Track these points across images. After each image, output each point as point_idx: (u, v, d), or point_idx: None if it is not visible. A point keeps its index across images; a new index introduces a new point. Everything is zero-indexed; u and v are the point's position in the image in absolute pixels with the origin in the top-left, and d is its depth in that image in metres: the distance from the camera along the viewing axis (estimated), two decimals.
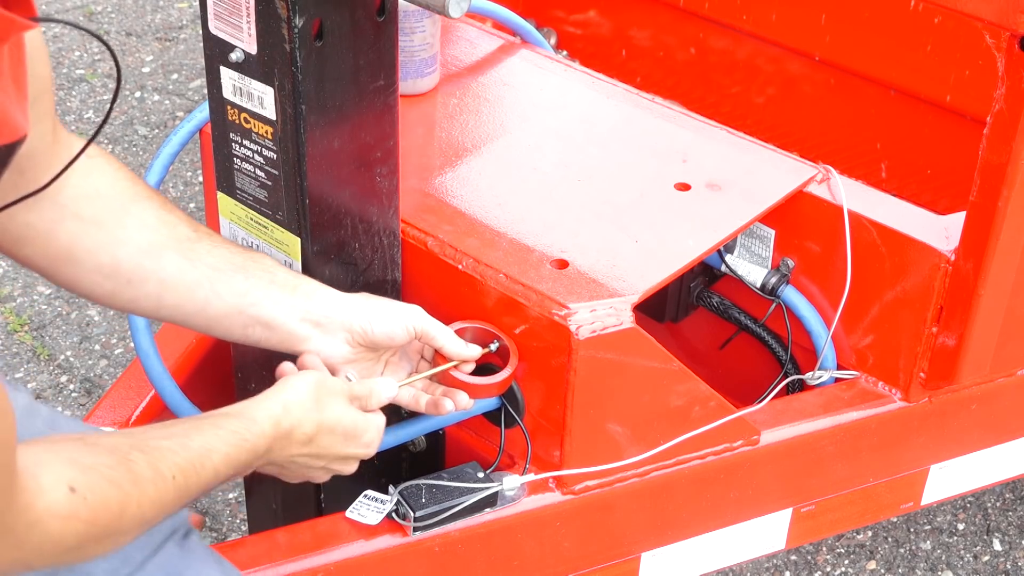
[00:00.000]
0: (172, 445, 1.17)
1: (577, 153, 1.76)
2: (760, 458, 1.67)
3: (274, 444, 1.27)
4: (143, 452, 1.14)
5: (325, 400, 1.33)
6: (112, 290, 1.35)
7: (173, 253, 1.35)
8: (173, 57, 3.77)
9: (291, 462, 1.31)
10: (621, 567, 1.67)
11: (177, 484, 1.15)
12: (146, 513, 1.13)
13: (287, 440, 1.29)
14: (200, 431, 1.22)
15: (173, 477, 1.15)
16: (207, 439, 1.21)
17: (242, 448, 1.24)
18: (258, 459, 1.26)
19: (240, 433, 1.24)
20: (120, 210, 1.33)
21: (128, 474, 1.11)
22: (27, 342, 2.76)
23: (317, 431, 1.31)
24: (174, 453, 1.17)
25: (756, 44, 2.34)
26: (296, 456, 1.31)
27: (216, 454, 1.21)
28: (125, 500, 1.10)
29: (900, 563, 2.34)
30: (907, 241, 1.63)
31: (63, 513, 1.05)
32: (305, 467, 1.33)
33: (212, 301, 1.37)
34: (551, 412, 1.51)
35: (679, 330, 1.95)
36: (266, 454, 1.27)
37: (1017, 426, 1.88)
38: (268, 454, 1.27)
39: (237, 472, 1.25)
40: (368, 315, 1.40)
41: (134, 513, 1.11)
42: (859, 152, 2.29)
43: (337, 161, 1.42)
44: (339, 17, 1.34)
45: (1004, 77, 1.46)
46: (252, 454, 1.25)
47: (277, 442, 1.28)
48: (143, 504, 1.12)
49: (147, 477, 1.12)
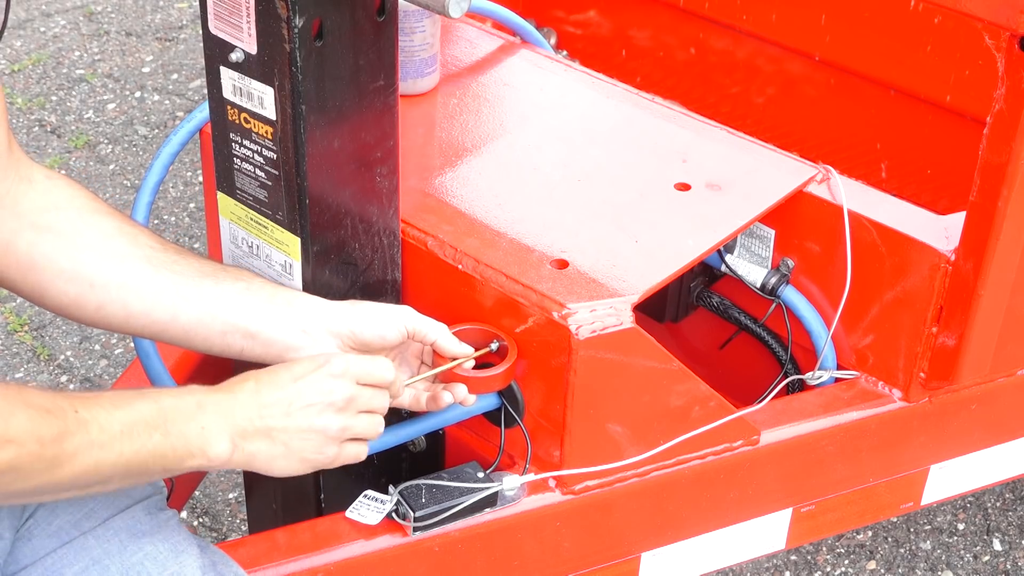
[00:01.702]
0: (81, 392, 1.19)
1: (577, 153, 1.76)
2: (760, 458, 1.67)
3: (211, 397, 1.25)
4: (40, 390, 1.15)
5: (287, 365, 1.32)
6: (77, 296, 1.33)
7: (135, 259, 1.34)
8: (173, 57, 3.77)
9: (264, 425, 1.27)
10: (621, 567, 1.67)
11: (81, 418, 1.15)
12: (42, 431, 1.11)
13: (231, 396, 1.26)
14: (129, 391, 1.23)
15: (76, 411, 1.15)
16: (126, 391, 1.23)
17: (167, 393, 1.23)
18: (195, 408, 1.23)
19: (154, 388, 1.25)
20: (78, 220, 1.33)
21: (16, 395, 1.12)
22: (27, 342, 2.76)
23: (267, 378, 1.29)
24: (79, 396, 1.17)
25: (756, 44, 2.34)
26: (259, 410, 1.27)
27: (135, 396, 1.20)
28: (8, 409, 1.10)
29: (900, 563, 2.34)
30: (907, 241, 1.63)
31: None
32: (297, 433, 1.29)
33: (181, 307, 1.34)
34: (551, 412, 1.51)
35: (679, 330, 1.95)
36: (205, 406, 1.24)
37: (1017, 426, 1.88)
38: (210, 408, 1.24)
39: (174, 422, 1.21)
40: (356, 318, 1.39)
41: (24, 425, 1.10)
42: (859, 152, 2.29)
43: (337, 161, 1.42)
44: (339, 17, 1.34)
45: (1004, 77, 1.46)
46: (179, 398, 1.23)
47: (217, 396, 1.25)
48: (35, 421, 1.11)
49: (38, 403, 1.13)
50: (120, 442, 1.17)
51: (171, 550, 1.30)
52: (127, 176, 3.28)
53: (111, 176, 3.27)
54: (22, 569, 1.27)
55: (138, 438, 1.19)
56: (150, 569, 1.28)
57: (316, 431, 1.30)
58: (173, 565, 1.28)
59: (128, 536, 1.29)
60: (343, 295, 1.48)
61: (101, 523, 1.29)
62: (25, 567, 1.27)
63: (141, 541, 1.29)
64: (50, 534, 1.28)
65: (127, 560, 1.28)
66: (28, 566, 1.27)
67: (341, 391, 1.31)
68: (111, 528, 1.29)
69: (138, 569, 1.27)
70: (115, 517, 1.30)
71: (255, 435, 1.27)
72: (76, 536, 1.28)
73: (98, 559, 1.27)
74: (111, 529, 1.29)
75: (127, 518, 1.31)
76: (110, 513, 1.30)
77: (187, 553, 1.30)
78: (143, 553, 1.29)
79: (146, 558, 1.28)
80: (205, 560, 1.31)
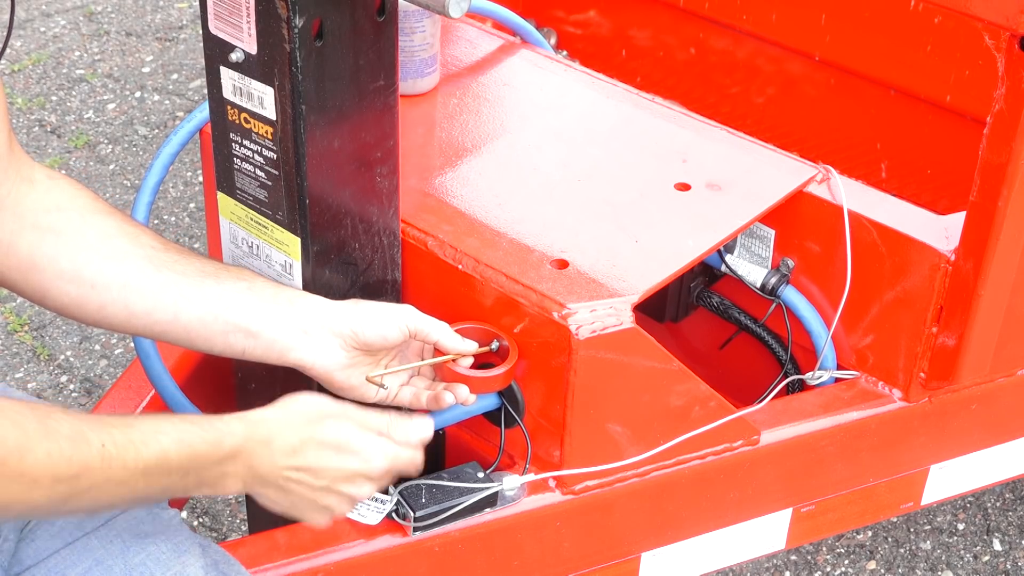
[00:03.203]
0: (113, 420, 1.16)
1: (577, 153, 1.76)
2: (760, 458, 1.67)
3: (246, 446, 1.24)
4: (70, 416, 1.13)
5: (325, 420, 1.31)
6: (78, 296, 1.33)
7: (136, 259, 1.34)
8: (173, 57, 3.77)
9: (285, 480, 1.28)
10: (621, 567, 1.67)
11: (107, 454, 1.13)
12: (60, 468, 1.10)
13: (266, 448, 1.26)
14: (153, 417, 1.21)
15: (102, 445, 1.13)
16: (158, 423, 1.20)
17: (200, 437, 1.21)
18: (225, 458, 1.23)
19: (199, 423, 1.22)
20: (79, 220, 1.33)
21: (39, 425, 1.10)
22: (27, 342, 2.76)
23: (302, 443, 1.28)
24: (111, 426, 1.15)
25: (756, 44, 2.34)
26: (286, 470, 1.28)
27: (166, 437, 1.18)
28: (27, 443, 1.08)
29: (900, 563, 2.34)
30: (907, 241, 1.63)
31: None
32: (310, 489, 1.30)
33: (183, 306, 1.34)
34: (551, 412, 1.51)
35: (679, 330, 1.95)
36: (237, 456, 1.24)
37: (1017, 426, 1.88)
38: (241, 458, 1.24)
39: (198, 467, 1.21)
40: (357, 318, 1.39)
41: (42, 461, 1.09)
42: (859, 152, 2.29)
43: (337, 161, 1.42)
44: (339, 17, 1.34)
45: (1004, 77, 1.46)
46: (214, 446, 1.22)
47: (251, 445, 1.24)
48: (54, 457, 1.10)
49: (64, 434, 1.11)
50: (138, 480, 1.17)
51: (174, 550, 1.30)
52: (127, 176, 3.28)
53: (111, 176, 3.27)
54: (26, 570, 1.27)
55: (158, 479, 1.19)
56: (153, 569, 1.28)
57: (327, 508, 1.33)
58: (176, 565, 1.29)
59: (131, 536, 1.29)
60: (343, 295, 1.48)
61: (104, 523, 1.29)
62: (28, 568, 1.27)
63: (144, 541, 1.29)
64: (53, 535, 1.28)
65: (130, 560, 1.28)
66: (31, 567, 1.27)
67: (367, 491, 1.34)
68: (114, 528, 1.29)
69: (141, 569, 1.27)
70: (117, 517, 1.30)
71: (271, 486, 1.29)
72: (79, 537, 1.28)
73: (101, 559, 1.27)
74: (114, 529, 1.29)
75: (129, 518, 1.31)
76: (112, 514, 1.30)
77: (190, 553, 1.30)
78: (146, 553, 1.29)
79: (149, 558, 1.28)
80: (208, 560, 1.31)
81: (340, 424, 1.32)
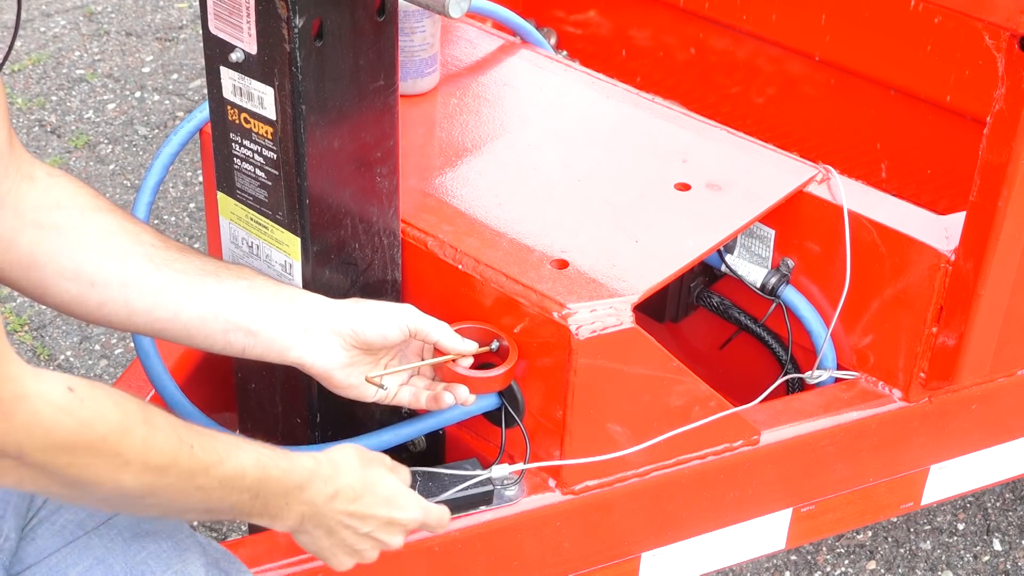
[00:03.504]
0: (200, 430, 1.17)
1: (577, 153, 1.76)
2: (760, 458, 1.67)
3: (314, 483, 1.26)
4: (167, 415, 1.14)
5: (369, 463, 1.33)
6: (78, 294, 1.33)
7: (137, 257, 1.34)
8: (173, 57, 3.77)
9: (338, 524, 1.29)
10: (621, 567, 1.67)
11: (195, 456, 1.14)
12: (151, 457, 1.11)
13: (331, 488, 1.27)
14: (232, 437, 1.22)
15: (192, 446, 1.14)
16: (238, 441, 1.21)
17: (275, 463, 1.22)
18: (294, 489, 1.24)
19: (275, 450, 1.23)
20: (80, 218, 1.33)
21: (140, 411, 1.11)
22: (27, 342, 2.76)
23: (364, 488, 1.30)
24: (199, 434, 1.16)
25: (756, 44, 2.34)
26: (342, 514, 1.29)
27: (246, 455, 1.20)
28: (127, 424, 1.09)
29: (900, 563, 2.34)
30: (907, 241, 1.63)
31: (56, 402, 1.04)
32: (354, 534, 1.31)
33: (183, 305, 1.34)
34: (551, 412, 1.51)
35: (679, 330, 1.95)
36: (304, 490, 1.25)
37: (1017, 426, 1.88)
38: (308, 494, 1.25)
39: (267, 492, 1.22)
40: (358, 317, 1.39)
41: (137, 446, 1.09)
42: (859, 152, 2.29)
43: (337, 161, 1.42)
44: (339, 17, 1.34)
45: (1004, 77, 1.46)
46: (286, 474, 1.23)
47: (318, 483, 1.26)
48: (149, 444, 1.10)
49: (160, 426, 1.12)
50: (215, 490, 1.18)
51: (175, 548, 1.30)
52: (127, 176, 3.28)
53: (111, 176, 3.27)
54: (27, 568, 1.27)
55: (230, 493, 1.19)
56: (154, 567, 1.28)
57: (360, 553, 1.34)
58: (177, 563, 1.29)
59: (132, 535, 1.29)
60: (343, 295, 1.48)
61: (104, 522, 1.29)
62: (30, 567, 1.27)
63: (145, 540, 1.29)
64: (54, 533, 1.28)
65: (131, 559, 1.28)
66: (32, 565, 1.27)
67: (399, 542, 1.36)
68: (115, 527, 1.29)
69: (142, 568, 1.27)
70: (118, 516, 1.30)
71: (323, 527, 1.30)
72: (80, 535, 1.28)
73: (102, 558, 1.27)
74: (115, 528, 1.29)
75: (130, 517, 1.31)
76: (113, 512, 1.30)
77: (191, 551, 1.30)
78: (147, 552, 1.29)
79: (150, 556, 1.28)
80: (209, 558, 1.31)
81: (381, 469, 1.34)
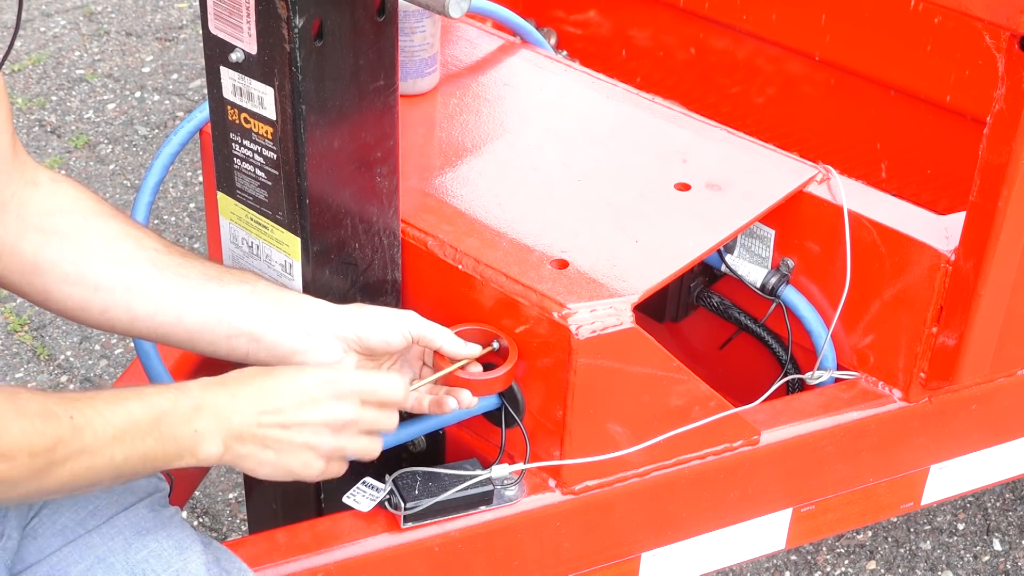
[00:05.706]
0: (77, 395, 1.18)
1: (577, 153, 1.76)
2: (760, 458, 1.67)
3: (207, 397, 1.23)
4: (36, 395, 1.14)
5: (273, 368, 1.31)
6: (82, 299, 1.33)
7: (140, 262, 1.34)
8: (173, 57, 3.77)
9: (261, 429, 1.26)
10: (621, 567, 1.67)
11: (76, 424, 1.14)
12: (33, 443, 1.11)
13: (231, 397, 1.24)
14: (115, 390, 1.22)
15: (71, 417, 1.14)
16: (120, 391, 1.21)
17: (161, 395, 1.21)
18: (191, 411, 1.22)
19: (161, 386, 1.24)
20: (83, 223, 1.33)
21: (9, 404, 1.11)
22: (27, 342, 2.76)
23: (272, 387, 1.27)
24: (76, 400, 1.17)
25: (756, 44, 2.34)
26: (267, 425, 1.26)
27: (129, 401, 1.19)
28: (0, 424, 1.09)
29: (900, 563, 2.34)
30: (907, 241, 1.63)
31: None
32: (299, 444, 1.28)
33: (186, 310, 1.34)
34: (551, 412, 1.51)
35: (679, 330, 1.95)
36: (202, 408, 1.22)
37: (1017, 426, 1.88)
38: (207, 410, 1.23)
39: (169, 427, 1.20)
40: (362, 323, 1.39)
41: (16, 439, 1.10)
42: (859, 152, 2.29)
43: (337, 161, 1.42)
44: (339, 17, 1.34)
45: (1004, 77, 1.46)
46: (175, 400, 1.21)
47: (213, 396, 1.23)
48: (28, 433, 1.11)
49: (33, 411, 1.12)
50: (112, 447, 1.17)
51: (175, 547, 1.30)
52: (127, 176, 3.28)
53: (111, 176, 3.27)
54: (28, 568, 1.27)
55: (130, 443, 1.18)
56: (155, 566, 1.28)
57: (309, 448, 1.30)
58: (178, 562, 1.29)
59: (132, 534, 1.29)
60: (343, 295, 1.49)
61: (105, 521, 1.29)
62: (31, 566, 1.27)
63: (145, 538, 1.29)
64: (55, 532, 1.29)
65: (132, 558, 1.28)
66: (34, 564, 1.27)
67: (342, 413, 1.30)
68: (115, 526, 1.29)
69: (143, 567, 1.28)
70: (119, 515, 1.30)
71: (249, 440, 1.26)
72: (81, 534, 1.29)
73: (103, 557, 1.28)
74: (115, 527, 1.29)
75: (131, 516, 1.31)
76: (114, 511, 1.31)
77: (191, 550, 1.30)
78: (148, 551, 1.29)
79: (151, 555, 1.28)
80: (209, 556, 1.32)
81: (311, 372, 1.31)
